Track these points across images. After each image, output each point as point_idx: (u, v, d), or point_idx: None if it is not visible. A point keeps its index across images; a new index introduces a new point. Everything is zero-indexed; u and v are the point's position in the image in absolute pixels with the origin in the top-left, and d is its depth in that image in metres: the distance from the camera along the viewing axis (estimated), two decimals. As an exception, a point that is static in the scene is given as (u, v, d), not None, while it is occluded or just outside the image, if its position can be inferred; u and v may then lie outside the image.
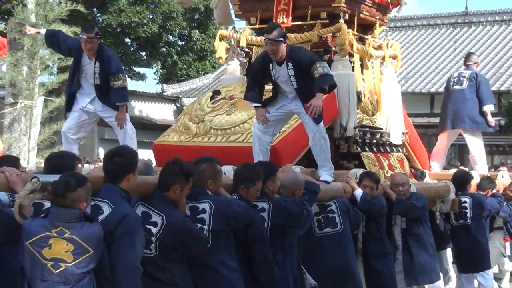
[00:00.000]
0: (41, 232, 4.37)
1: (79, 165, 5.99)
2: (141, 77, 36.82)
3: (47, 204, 4.83)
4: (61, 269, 4.34)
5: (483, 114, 12.01)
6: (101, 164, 14.82)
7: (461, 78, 12.24)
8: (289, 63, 7.79)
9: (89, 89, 8.82)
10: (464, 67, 12.71)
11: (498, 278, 12.04)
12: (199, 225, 5.47)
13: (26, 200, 4.59)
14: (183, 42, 35.74)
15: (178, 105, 31.73)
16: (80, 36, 8.57)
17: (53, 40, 9.21)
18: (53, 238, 4.36)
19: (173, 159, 5.59)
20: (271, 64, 7.96)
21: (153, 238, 5.14)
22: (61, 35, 9.29)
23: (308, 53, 7.99)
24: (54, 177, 4.82)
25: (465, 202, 9.91)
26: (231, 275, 5.53)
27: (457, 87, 12.21)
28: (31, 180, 4.68)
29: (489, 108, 12.10)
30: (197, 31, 34.55)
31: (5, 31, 22.35)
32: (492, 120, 12.20)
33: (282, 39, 7.69)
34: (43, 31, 9.80)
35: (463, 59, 13.32)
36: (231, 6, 11.46)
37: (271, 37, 7.67)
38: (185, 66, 35.62)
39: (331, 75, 7.82)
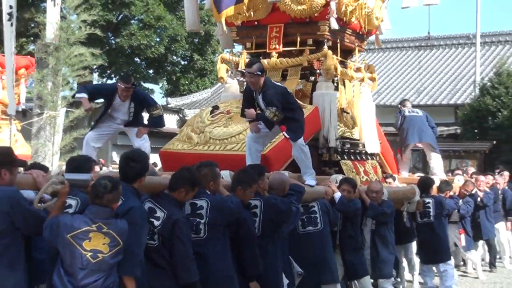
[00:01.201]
0: (82, 227, 4.49)
1: (96, 167, 5.99)
2: (149, 92, 36.74)
3: (69, 201, 4.99)
4: (98, 259, 4.48)
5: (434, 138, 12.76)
6: (114, 166, 14.81)
7: (414, 110, 12.67)
8: (263, 96, 7.91)
9: (119, 121, 8.84)
10: (401, 106, 12.88)
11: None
12: (197, 219, 5.53)
13: (48, 190, 4.73)
14: (186, 62, 35.81)
15: (181, 116, 31.60)
16: (118, 84, 8.55)
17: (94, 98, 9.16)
18: (93, 232, 4.50)
19: (187, 167, 5.69)
20: (254, 92, 8.08)
21: (155, 230, 5.21)
22: (95, 91, 9.15)
23: (274, 95, 7.86)
24: (76, 176, 5.01)
25: (429, 202, 10.03)
26: (224, 265, 5.57)
27: (414, 114, 12.44)
28: (58, 176, 4.91)
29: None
30: (196, 54, 34.53)
31: (33, 52, 22.40)
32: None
33: (259, 73, 7.81)
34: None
35: (399, 104, 13.49)
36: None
37: (250, 71, 7.82)
38: (187, 82, 35.67)
39: (272, 122, 7.84)
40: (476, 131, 23.04)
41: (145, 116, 9.27)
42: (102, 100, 9.52)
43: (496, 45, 30.36)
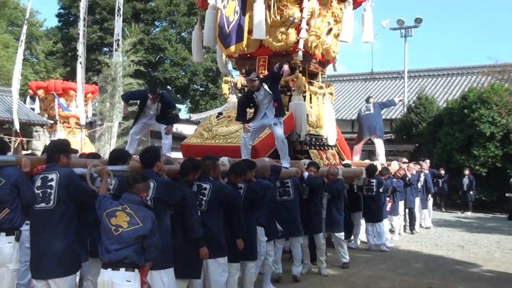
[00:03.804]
0: (114, 207, 4.29)
1: (131, 157, 5.84)
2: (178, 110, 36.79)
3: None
4: (118, 232, 4.19)
5: (382, 127, 12.79)
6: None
7: (369, 107, 12.49)
8: (263, 85, 8.00)
9: (150, 115, 8.67)
10: (366, 103, 12.80)
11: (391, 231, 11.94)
12: (201, 196, 5.46)
13: (91, 170, 4.69)
14: (203, 89, 35.74)
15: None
16: (149, 95, 8.46)
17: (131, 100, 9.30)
18: (119, 212, 4.26)
19: (188, 158, 5.74)
20: (254, 94, 8.09)
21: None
22: (132, 96, 9.25)
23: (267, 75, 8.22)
24: (116, 167, 5.07)
25: (372, 182, 10.13)
26: (216, 231, 5.48)
27: (367, 112, 12.41)
28: (95, 163, 4.82)
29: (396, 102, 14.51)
30: (210, 83, 34.54)
31: (97, 81, 22.47)
32: (397, 102, 14.82)
33: (256, 78, 8.00)
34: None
35: (365, 99, 13.41)
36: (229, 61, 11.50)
37: (250, 78, 8.07)
38: (204, 103, 35.62)
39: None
40: (404, 137, 23.28)
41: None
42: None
43: (418, 78, 30.31)
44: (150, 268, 4.41)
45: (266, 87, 7.94)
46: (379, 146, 12.53)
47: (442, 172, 17.83)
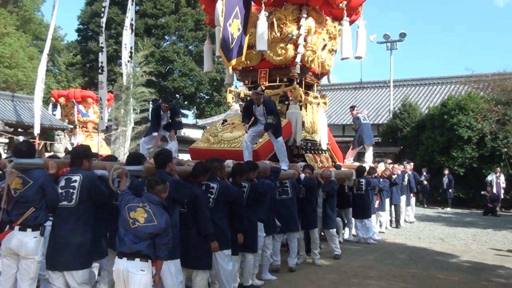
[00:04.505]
0: (135, 203, 4.36)
1: (146, 160, 5.88)
2: (185, 116, 36.60)
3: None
4: (135, 226, 4.26)
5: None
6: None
7: (365, 117, 12.73)
8: (264, 107, 8.04)
9: (161, 127, 8.65)
10: (355, 112, 12.87)
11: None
12: (209, 195, 5.51)
13: (113, 174, 4.72)
14: (208, 97, 35.59)
15: (205, 131, 31.58)
16: (162, 104, 8.43)
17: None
18: (139, 208, 4.33)
19: (199, 161, 5.77)
20: (254, 105, 8.15)
21: (184, 202, 5.22)
22: (155, 121, 8.61)
23: (273, 106, 8.14)
24: (132, 167, 5.06)
25: (362, 181, 10.18)
26: (222, 226, 5.53)
27: (366, 121, 12.56)
28: (116, 167, 4.82)
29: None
30: (215, 92, 34.46)
31: (112, 90, 22.43)
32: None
33: (262, 93, 8.05)
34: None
35: (350, 108, 13.54)
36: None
37: (256, 91, 8.05)
38: (209, 110, 35.44)
39: (273, 124, 8.00)
40: (390, 140, 23.28)
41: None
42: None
43: (402, 87, 30.26)
44: (161, 263, 4.39)
45: (264, 110, 8.02)
46: (370, 153, 12.72)
47: (424, 174, 18.00)
